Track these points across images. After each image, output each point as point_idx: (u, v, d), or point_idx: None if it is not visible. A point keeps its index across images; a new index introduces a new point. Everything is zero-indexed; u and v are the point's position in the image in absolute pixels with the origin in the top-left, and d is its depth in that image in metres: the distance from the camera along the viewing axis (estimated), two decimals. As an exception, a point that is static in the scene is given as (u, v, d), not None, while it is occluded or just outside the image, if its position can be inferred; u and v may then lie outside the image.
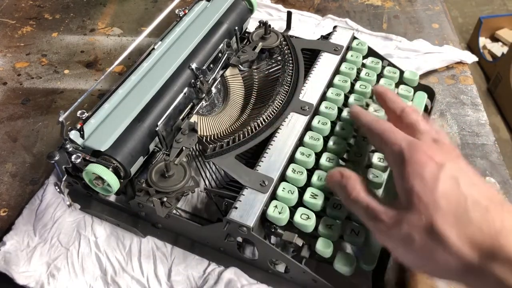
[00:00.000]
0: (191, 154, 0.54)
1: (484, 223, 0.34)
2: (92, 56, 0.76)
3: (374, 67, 0.59)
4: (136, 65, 0.56)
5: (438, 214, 0.34)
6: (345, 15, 0.80)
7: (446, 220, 0.34)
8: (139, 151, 0.49)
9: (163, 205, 0.46)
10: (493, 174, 0.57)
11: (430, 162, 0.37)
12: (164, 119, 0.51)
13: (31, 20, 0.83)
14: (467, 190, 0.35)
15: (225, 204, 0.46)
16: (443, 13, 0.81)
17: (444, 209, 0.34)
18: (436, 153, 0.38)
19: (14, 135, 0.65)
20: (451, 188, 0.35)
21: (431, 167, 0.36)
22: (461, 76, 0.70)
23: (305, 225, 0.44)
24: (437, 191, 0.35)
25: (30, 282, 0.48)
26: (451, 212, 0.34)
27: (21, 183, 0.59)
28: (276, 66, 0.61)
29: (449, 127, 0.63)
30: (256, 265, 0.48)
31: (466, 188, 0.35)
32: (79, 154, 0.47)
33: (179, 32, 0.60)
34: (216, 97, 0.59)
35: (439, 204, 0.35)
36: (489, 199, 0.35)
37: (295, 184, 0.46)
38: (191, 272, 0.49)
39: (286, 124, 0.51)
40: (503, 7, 1.97)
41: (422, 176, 0.36)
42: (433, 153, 0.37)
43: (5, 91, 0.71)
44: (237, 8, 0.64)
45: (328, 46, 0.60)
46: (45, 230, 0.52)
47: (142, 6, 0.86)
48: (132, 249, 0.51)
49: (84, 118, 0.49)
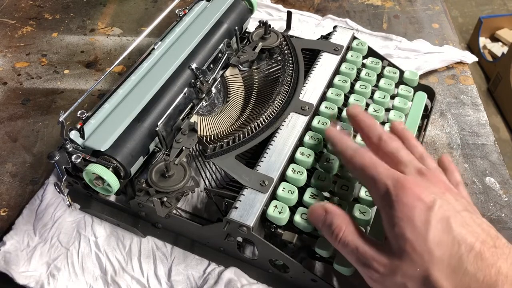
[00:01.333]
0: (191, 154, 0.54)
1: (479, 272, 0.33)
2: (92, 56, 0.76)
3: (374, 67, 0.59)
4: (136, 65, 0.56)
5: (433, 265, 0.34)
6: (345, 15, 0.80)
7: (441, 271, 0.34)
8: (139, 151, 0.49)
9: (163, 205, 0.46)
10: (493, 174, 0.57)
11: (419, 204, 0.35)
12: (164, 119, 0.51)
13: (31, 20, 0.83)
14: (459, 234, 0.34)
15: (225, 204, 0.46)
16: (443, 13, 0.81)
17: (438, 259, 0.34)
18: (423, 190, 0.36)
19: (14, 135, 0.65)
20: (443, 233, 0.34)
21: (420, 210, 0.35)
22: (461, 76, 0.70)
23: (305, 225, 0.44)
24: (429, 238, 0.34)
25: (30, 282, 0.48)
26: (446, 262, 0.34)
27: (21, 183, 0.59)
28: (276, 66, 0.61)
29: (449, 127, 0.63)
30: (256, 265, 0.48)
31: (459, 231, 0.34)
32: (79, 154, 0.47)
33: (179, 32, 0.60)
34: (216, 97, 0.59)
35: (433, 254, 0.34)
36: (481, 242, 0.34)
37: (295, 184, 0.46)
38: (191, 272, 0.49)
39: (286, 124, 0.51)
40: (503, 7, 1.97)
41: (412, 221, 0.35)
42: (420, 191, 0.36)
43: (5, 91, 0.71)
44: (237, 8, 0.64)
45: (328, 46, 0.60)
46: (45, 230, 0.52)
47: (142, 6, 0.86)
48: (132, 249, 0.51)
49: (84, 118, 0.49)
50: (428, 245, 0.34)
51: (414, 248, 0.34)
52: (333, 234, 0.39)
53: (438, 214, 0.35)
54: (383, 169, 0.38)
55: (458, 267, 0.33)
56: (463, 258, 0.33)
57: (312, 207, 0.42)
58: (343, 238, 0.38)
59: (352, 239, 0.38)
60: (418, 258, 0.34)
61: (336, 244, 0.39)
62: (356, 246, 0.37)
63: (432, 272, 0.34)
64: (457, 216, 0.35)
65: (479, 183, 0.56)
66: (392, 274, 0.35)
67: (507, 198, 0.55)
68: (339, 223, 0.39)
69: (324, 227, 0.40)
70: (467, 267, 0.33)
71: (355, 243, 0.37)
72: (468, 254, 0.33)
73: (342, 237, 0.38)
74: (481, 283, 0.33)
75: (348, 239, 0.38)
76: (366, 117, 0.45)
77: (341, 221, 0.39)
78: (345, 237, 0.38)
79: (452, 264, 0.34)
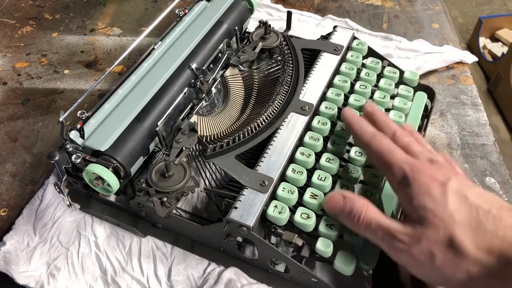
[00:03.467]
0: (191, 154, 0.54)
1: (499, 230, 0.35)
2: (92, 56, 0.76)
3: (374, 67, 0.59)
4: (136, 65, 0.56)
5: (455, 228, 0.36)
6: (345, 15, 0.80)
7: (463, 232, 0.35)
8: (139, 151, 0.49)
9: (163, 205, 0.46)
10: (493, 174, 0.57)
11: (434, 182, 0.38)
12: (164, 119, 0.51)
13: (31, 20, 0.83)
14: (475, 202, 0.36)
15: (225, 204, 0.46)
16: (443, 13, 0.81)
17: (459, 222, 0.36)
18: (437, 172, 0.39)
19: (14, 135, 0.65)
20: (460, 202, 0.37)
21: (436, 186, 0.38)
22: (461, 76, 0.70)
23: (305, 224, 0.44)
24: (448, 205, 0.36)
25: (30, 282, 0.48)
26: (466, 224, 0.36)
27: (21, 183, 0.59)
28: (276, 66, 0.61)
29: (449, 127, 0.63)
30: (256, 265, 0.48)
31: (474, 200, 0.37)
32: (79, 154, 0.47)
33: (179, 32, 0.60)
34: (216, 97, 0.59)
35: (454, 218, 0.36)
36: (497, 207, 0.36)
37: (295, 184, 0.46)
38: (191, 272, 0.49)
39: (286, 124, 0.51)
40: (503, 7, 1.97)
41: (430, 194, 0.37)
42: (434, 173, 0.39)
43: (5, 91, 0.71)
44: (237, 8, 0.64)
45: (328, 46, 0.60)
46: (45, 230, 0.52)
47: (142, 6, 0.86)
48: (132, 249, 0.51)
49: (84, 118, 0.49)
50: (448, 211, 0.36)
51: (435, 215, 0.36)
52: (355, 217, 0.40)
53: (453, 188, 0.37)
54: (399, 155, 0.41)
55: (479, 227, 0.35)
56: (483, 221, 0.35)
57: (329, 196, 0.43)
58: (366, 218, 0.40)
59: (375, 217, 0.39)
60: (440, 223, 0.36)
61: (359, 226, 0.40)
62: (380, 223, 0.39)
63: (455, 233, 0.35)
64: (471, 189, 0.38)
65: (479, 183, 0.56)
66: (417, 242, 0.37)
67: (507, 198, 0.55)
68: (359, 206, 0.40)
69: (344, 213, 0.41)
70: (487, 227, 0.35)
71: (378, 220, 0.39)
72: (487, 217, 0.36)
73: (365, 218, 0.40)
74: (502, 239, 0.34)
75: (370, 218, 0.40)
76: (382, 114, 0.48)
77: (362, 203, 0.41)
78: (367, 217, 0.40)
79: (473, 225, 0.35)
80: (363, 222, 0.40)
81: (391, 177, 0.41)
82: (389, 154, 0.42)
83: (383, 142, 0.43)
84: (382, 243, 0.39)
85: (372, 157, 0.44)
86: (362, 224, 0.40)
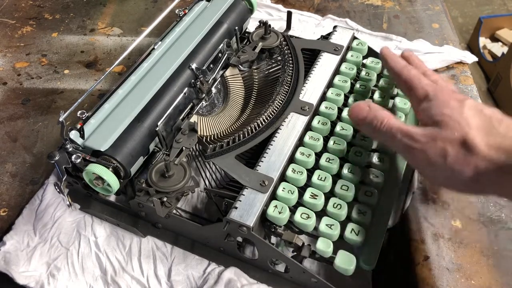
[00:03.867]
0: (191, 154, 0.54)
1: (510, 132, 0.39)
2: (92, 56, 0.76)
3: (374, 67, 0.59)
4: (136, 65, 0.56)
5: (469, 129, 0.39)
6: (345, 15, 0.80)
7: (477, 133, 0.39)
8: (139, 151, 0.49)
9: (163, 205, 0.46)
10: (493, 174, 0.57)
11: (453, 100, 0.42)
12: (164, 119, 0.51)
13: (31, 20, 0.83)
14: (490, 113, 0.40)
15: (225, 204, 0.46)
16: (443, 13, 0.81)
17: (473, 125, 0.39)
18: (457, 95, 0.43)
19: (14, 135, 0.65)
20: (475, 113, 0.40)
21: (454, 101, 0.42)
22: (461, 76, 0.69)
23: (305, 224, 0.44)
24: (464, 112, 0.40)
25: (30, 282, 0.48)
26: (480, 127, 0.39)
27: (21, 183, 0.59)
28: (276, 66, 0.61)
29: (449, 127, 0.63)
30: (256, 265, 0.48)
31: (489, 112, 0.41)
32: (79, 154, 0.47)
33: (179, 32, 0.60)
34: (216, 97, 0.59)
35: (469, 121, 0.40)
36: (510, 119, 0.40)
37: (295, 184, 0.46)
38: (191, 272, 0.49)
39: (286, 124, 0.51)
40: (503, 7, 1.97)
41: (448, 104, 0.42)
42: (454, 95, 0.43)
43: (5, 91, 0.71)
44: (237, 8, 0.64)
45: (328, 46, 0.60)
46: (45, 230, 0.52)
47: (142, 6, 0.86)
48: (132, 249, 0.51)
49: (84, 118, 0.49)
50: (463, 116, 0.40)
51: (452, 117, 0.40)
52: (377, 123, 0.44)
53: (470, 104, 0.41)
54: (426, 81, 0.46)
55: (491, 130, 0.39)
56: (495, 125, 0.39)
57: (354, 104, 0.47)
58: (387, 124, 0.43)
59: (395, 123, 0.43)
60: (456, 124, 0.40)
61: (380, 130, 0.44)
62: (400, 127, 0.43)
63: (469, 133, 0.39)
64: (486, 106, 0.42)
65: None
66: (433, 141, 0.40)
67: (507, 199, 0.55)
68: (383, 114, 0.44)
69: (367, 120, 0.45)
70: (499, 130, 0.39)
71: (399, 125, 0.43)
72: (499, 123, 0.39)
73: (387, 123, 0.43)
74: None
75: (391, 123, 0.43)
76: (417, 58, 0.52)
77: (385, 112, 0.44)
78: (389, 122, 0.43)
79: (486, 129, 0.39)
80: (384, 126, 0.43)
81: (414, 98, 0.46)
82: (416, 79, 0.46)
83: (412, 71, 0.48)
84: (399, 144, 0.42)
85: (401, 84, 0.49)
86: (384, 128, 0.43)
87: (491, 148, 0.38)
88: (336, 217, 0.45)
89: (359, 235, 0.44)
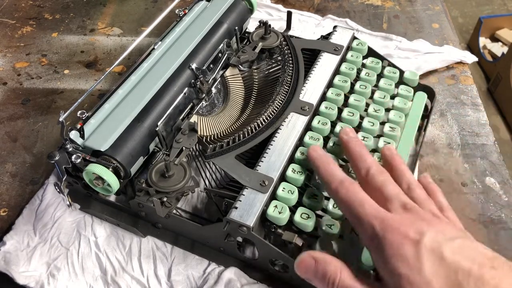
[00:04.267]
0: (191, 154, 0.54)
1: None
2: (92, 56, 0.76)
3: (374, 67, 0.59)
4: (136, 65, 0.56)
5: None
6: (345, 15, 0.80)
7: None
8: (139, 151, 0.49)
9: (163, 205, 0.46)
10: (493, 174, 0.57)
11: (406, 241, 0.35)
12: (164, 119, 0.51)
13: (31, 20, 0.83)
14: (453, 261, 0.33)
15: (225, 204, 0.46)
16: (443, 13, 0.81)
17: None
18: (409, 227, 0.36)
19: (14, 135, 0.65)
20: (437, 264, 0.33)
21: (409, 246, 0.34)
22: (461, 76, 0.70)
23: (305, 224, 0.44)
24: (424, 270, 0.33)
25: (30, 282, 0.48)
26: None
27: (21, 183, 0.59)
28: (276, 66, 0.61)
29: (449, 127, 0.63)
30: (256, 265, 0.48)
31: (452, 258, 0.33)
32: (79, 154, 0.47)
33: (179, 32, 0.60)
34: (216, 97, 0.59)
35: (431, 285, 0.33)
36: (479, 265, 0.33)
37: (295, 184, 0.46)
38: (191, 272, 0.49)
39: (286, 124, 0.51)
40: (503, 7, 1.97)
41: (403, 257, 0.34)
42: (407, 229, 0.35)
43: (5, 91, 0.71)
44: (237, 8, 0.64)
45: (328, 46, 0.60)
46: (45, 230, 0.52)
47: (142, 6, 0.86)
48: (132, 249, 0.51)
49: (84, 118, 0.49)
50: (424, 277, 0.33)
51: (411, 283, 0.33)
52: (329, 283, 0.37)
53: (427, 246, 0.34)
54: (369, 208, 0.38)
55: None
56: (464, 285, 0.32)
57: (298, 259, 0.40)
58: (340, 284, 0.37)
59: (349, 284, 0.37)
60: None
61: None
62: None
63: None
64: (448, 244, 0.34)
65: (479, 183, 0.56)
66: None
67: (507, 198, 0.55)
68: (333, 270, 0.37)
69: (316, 278, 0.38)
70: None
71: (354, 286, 0.36)
72: (468, 280, 0.32)
73: (339, 284, 0.37)
74: None
75: (345, 284, 0.37)
76: (357, 145, 0.45)
77: (335, 267, 0.38)
78: (342, 283, 0.37)
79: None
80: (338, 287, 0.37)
81: (361, 232, 0.38)
82: (359, 206, 0.38)
83: (351, 190, 0.39)
84: None
85: (340, 207, 0.42)
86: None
87: None
88: (336, 217, 0.45)
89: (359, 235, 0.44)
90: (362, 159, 0.43)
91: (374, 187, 0.40)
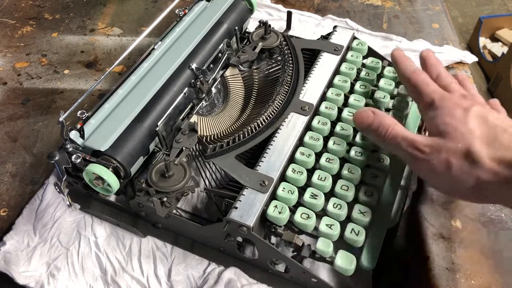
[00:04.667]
0: (191, 154, 0.54)
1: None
2: (92, 56, 0.76)
3: (374, 67, 0.59)
4: (136, 65, 0.56)
5: (473, 140, 0.39)
6: (345, 15, 0.80)
7: (480, 145, 0.39)
8: (139, 151, 0.49)
9: (163, 205, 0.46)
10: (493, 174, 0.57)
11: (458, 108, 0.42)
12: (164, 119, 0.51)
13: (31, 20, 0.83)
14: (494, 123, 0.40)
15: (225, 204, 0.46)
16: (443, 13, 0.81)
17: (477, 136, 0.39)
18: (463, 102, 0.43)
19: (14, 135, 0.65)
20: (480, 122, 0.41)
21: (460, 110, 0.42)
22: (461, 76, 0.69)
23: (305, 224, 0.44)
24: (468, 122, 0.40)
25: (30, 282, 0.48)
26: (484, 138, 0.39)
27: (21, 183, 0.59)
28: (276, 66, 0.61)
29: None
30: (256, 265, 0.48)
31: (494, 121, 0.41)
32: (79, 154, 0.47)
33: (179, 32, 0.60)
34: (216, 97, 0.59)
35: (473, 132, 0.40)
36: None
37: (295, 184, 0.46)
38: (191, 272, 0.49)
39: (286, 124, 0.51)
40: (503, 7, 1.97)
41: (453, 114, 0.42)
42: (461, 101, 0.43)
43: (5, 91, 0.71)
44: (237, 8, 0.64)
45: (328, 46, 0.60)
46: (45, 230, 0.52)
47: (142, 6, 0.86)
48: (132, 249, 0.51)
49: (84, 118, 0.49)
50: (468, 127, 0.40)
51: (456, 129, 0.40)
52: (382, 131, 0.44)
53: (475, 112, 0.41)
54: (432, 86, 0.46)
55: (495, 141, 0.39)
56: (499, 136, 0.39)
57: (359, 111, 0.47)
58: (393, 132, 0.43)
59: (401, 131, 0.43)
60: (459, 135, 0.40)
61: (385, 138, 0.44)
62: (405, 135, 0.43)
63: (472, 146, 0.39)
64: (491, 113, 0.42)
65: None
66: (437, 152, 0.40)
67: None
68: (388, 122, 0.44)
69: (372, 127, 0.45)
70: (502, 141, 0.39)
71: (404, 133, 0.43)
72: (503, 134, 0.39)
73: (392, 132, 0.43)
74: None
75: (397, 131, 0.43)
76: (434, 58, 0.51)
77: (390, 120, 0.44)
78: (394, 131, 0.43)
79: (489, 140, 0.39)
80: (390, 135, 0.43)
81: (422, 105, 0.46)
82: (425, 85, 0.46)
83: (421, 77, 0.47)
84: (405, 154, 0.42)
85: (410, 91, 0.49)
86: (389, 137, 0.43)
87: (494, 161, 0.38)
88: (336, 217, 0.45)
89: (359, 235, 0.44)
90: (436, 67, 0.49)
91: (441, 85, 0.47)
